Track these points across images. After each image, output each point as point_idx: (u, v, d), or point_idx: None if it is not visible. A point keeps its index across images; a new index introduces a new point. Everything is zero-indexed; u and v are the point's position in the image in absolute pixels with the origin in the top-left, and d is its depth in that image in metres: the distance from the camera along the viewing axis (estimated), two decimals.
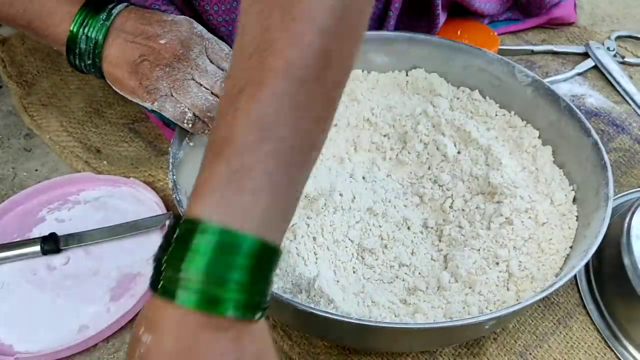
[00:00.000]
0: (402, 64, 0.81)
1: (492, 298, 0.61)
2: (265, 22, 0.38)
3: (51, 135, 0.85)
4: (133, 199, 0.77)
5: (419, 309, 0.60)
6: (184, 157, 0.67)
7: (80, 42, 0.62)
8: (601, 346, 0.66)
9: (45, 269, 0.70)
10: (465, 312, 0.60)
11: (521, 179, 0.70)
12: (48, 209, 0.76)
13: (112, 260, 0.71)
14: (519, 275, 0.62)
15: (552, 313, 0.68)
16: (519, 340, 0.66)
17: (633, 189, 0.80)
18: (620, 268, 0.65)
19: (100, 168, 0.80)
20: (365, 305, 0.61)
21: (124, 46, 0.63)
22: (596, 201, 0.63)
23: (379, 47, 0.80)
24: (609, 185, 0.63)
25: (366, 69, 0.81)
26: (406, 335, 0.57)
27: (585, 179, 0.67)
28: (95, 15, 0.62)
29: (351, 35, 0.41)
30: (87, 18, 0.62)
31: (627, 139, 0.87)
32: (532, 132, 0.74)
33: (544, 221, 0.66)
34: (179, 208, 0.60)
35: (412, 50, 0.80)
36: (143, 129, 0.87)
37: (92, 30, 0.62)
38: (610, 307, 0.68)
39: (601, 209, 0.61)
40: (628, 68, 0.98)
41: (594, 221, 0.62)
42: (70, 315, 0.66)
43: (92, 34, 0.62)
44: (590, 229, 0.62)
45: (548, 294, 0.55)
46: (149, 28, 0.64)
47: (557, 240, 0.64)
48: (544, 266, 0.63)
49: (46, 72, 0.94)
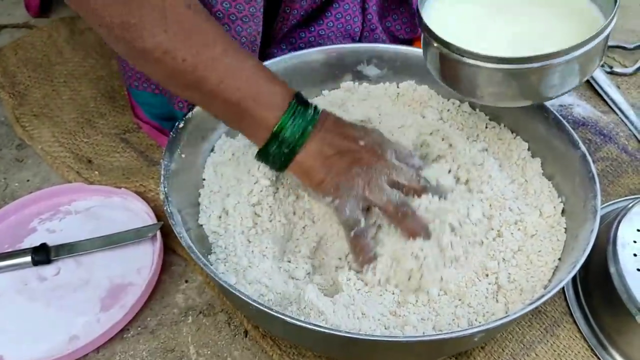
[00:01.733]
0: (393, 76, 0.82)
1: (481, 310, 0.62)
2: None
3: (43, 146, 0.85)
4: (124, 209, 0.78)
5: (409, 321, 0.60)
6: (176, 168, 0.67)
7: (287, 130, 0.62)
8: (588, 354, 0.67)
9: (36, 279, 0.70)
10: (455, 324, 0.60)
11: (510, 191, 0.70)
12: (39, 219, 0.77)
13: (103, 270, 0.71)
14: (508, 287, 0.63)
15: (539, 322, 0.69)
16: (506, 349, 0.67)
17: (620, 197, 0.81)
18: (607, 277, 0.66)
19: (92, 178, 0.81)
20: (356, 317, 0.61)
21: (324, 141, 0.63)
22: (584, 213, 0.64)
23: (370, 59, 0.81)
24: (597, 198, 0.63)
25: (357, 81, 0.82)
26: (395, 348, 0.57)
27: (573, 191, 0.68)
28: (305, 108, 0.63)
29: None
30: (299, 108, 0.62)
31: (614, 148, 0.88)
32: (522, 145, 0.74)
33: (533, 233, 0.67)
34: (169, 220, 0.60)
35: (403, 62, 0.81)
36: (135, 139, 0.88)
37: (301, 121, 0.62)
38: (597, 316, 0.68)
39: (589, 222, 0.62)
40: (616, 78, 0.99)
41: (581, 233, 0.62)
42: (60, 326, 0.66)
43: (301, 124, 0.62)
44: (578, 242, 0.62)
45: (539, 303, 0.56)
46: (348, 130, 0.65)
47: (545, 252, 0.65)
48: (533, 278, 0.63)
49: (38, 82, 0.94)
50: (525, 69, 0.59)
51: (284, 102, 0.62)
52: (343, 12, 0.87)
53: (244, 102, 0.61)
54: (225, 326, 0.68)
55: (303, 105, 0.63)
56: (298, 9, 0.81)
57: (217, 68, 0.60)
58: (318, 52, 0.81)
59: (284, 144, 0.62)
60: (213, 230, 0.67)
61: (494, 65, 0.59)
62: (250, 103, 0.61)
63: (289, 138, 0.62)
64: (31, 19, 1.09)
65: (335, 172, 0.63)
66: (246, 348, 0.67)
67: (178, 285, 0.72)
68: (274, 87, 0.63)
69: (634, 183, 0.83)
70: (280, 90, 0.63)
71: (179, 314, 0.69)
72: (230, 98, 0.61)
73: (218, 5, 0.69)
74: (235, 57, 0.61)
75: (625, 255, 0.66)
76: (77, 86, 0.94)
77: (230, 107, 0.62)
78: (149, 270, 0.70)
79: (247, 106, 0.61)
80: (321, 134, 0.63)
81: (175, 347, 0.67)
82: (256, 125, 0.62)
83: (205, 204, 0.70)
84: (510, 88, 0.61)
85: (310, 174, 0.64)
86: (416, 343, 0.56)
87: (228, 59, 0.60)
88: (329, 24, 0.87)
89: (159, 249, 0.71)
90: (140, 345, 0.67)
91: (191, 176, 0.71)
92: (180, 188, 0.67)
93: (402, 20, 0.92)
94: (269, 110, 0.62)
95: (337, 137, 0.64)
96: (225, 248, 0.66)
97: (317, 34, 0.87)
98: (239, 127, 0.65)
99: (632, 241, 0.67)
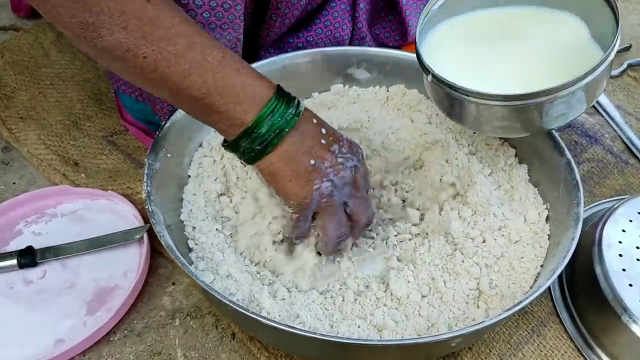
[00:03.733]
0: (383, 80, 0.82)
1: (461, 315, 0.62)
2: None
3: (29, 148, 0.85)
4: (111, 212, 0.77)
5: (387, 325, 0.60)
6: (161, 167, 0.67)
7: (263, 126, 0.58)
8: (574, 354, 0.67)
9: (21, 282, 0.70)
10: (435, 329, 0.60)
11: (496, 197, 0.70)
12: (25, 222, 0.76)
13: (89, 273, 0.71)
14: (489, 293, 0.62)
15: (526, 322, 0.69)
16: (493, 350, 0.67)
17: (605, 198, 0.81)
18: (592, 277, 0.66)
19: (78, 181, 0.81)
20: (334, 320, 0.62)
21: (301, 146, 0.60)
22: (567, 220, 0.64)
23: (360, 62, 0.81)
24: (580, 205, 0.63)
25: (347, 84, 0.82)
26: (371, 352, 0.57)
27: (558, 197, 0.67)
28: (287, 105, 0.59)
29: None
30: (279, 106, 0.59)
31: (600, 149, 0.88)
32: (509, 151, 0.74)
33: (517, 239, 0.67)
34: (151, 219, 0.60)
35: (393, 66, 0.81)
36: (122, 142, 0.87)
37: (279, 119, 0.59)
38: (583, 316, 0.69)
39: (571, 229, 0.62)
40: None
41: (563, 241, 0.62)
42: (46, 329, 0.66)
43: (278, 122, 0.59)
44: (560, 249, 0.62)
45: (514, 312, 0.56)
46: (329, 141, 0.62)
47: (528, 259, 0.65)
48: (514, 284, 0.63)
49: (25, 85, 0.94)
50: (532, 104, 0.59)
51: (261, 98, 0.59)
52: (332, 19, 0.87)
53: (209, 97, 0.58)
54: (213, 329, 0.68)
55: (283, 102, 0.60)
56: (289, 17, 0.81)
57: (179, 63, 0.56)
58: (308, 55, 0.81)
59: (257, 141, 0.59)
60: (193, 226, 0.68)
61: (500, 103, 0.59)
62: (217, 99, 0.58)
63: (264, 136, 0.59)
64: (17, 21, 1.08)
65: (303, 187, 0.61)
66: (234, 350, 0.66)
67: (165, 287, 0.72)
68: (245, 79, 0.59)
69: (619, 184, 0.84)
70: (254, 83, 0.59)
71: (166, 316, 0.69)
72: (195, 94, 0.58)
73: (198, 17, 0.69)
74: (201, 50, 0.57)
75: (611, 256, 0.66)
76: (64, 88, 0.94)
77: (196, 104, 0.59)
78: (136, 272, 0.70)
79: (214, 102, 0.58)
80: (299, 139, 0.60)
81: (162, 350, 0.66)
82: (225, 121, 0.59)
83: (188, 199, 0.70)
84: (518, 121, 0.62)
85: (276, 178, 0.61)
86: (391, 347, 0.55)
87: (192, 54, 0.57)
88: (318, 31, 0.87)
89: (145, 251, 0.71)
90: (127, 348, 0.66)
91: (176, 175, 0.71)
92: (165, 187, 0.67)
93: (390, 28, 0.92)
94: (239, 105, 0.58)
95: (314, 148, 0.61)
96: (203, 243, 0.66)
97: (306, 40, 0.87)
98: (210, 122, 0.62)
99: (618, 242, 0.68)
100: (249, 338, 0.67)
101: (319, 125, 0.62)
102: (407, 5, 0.88)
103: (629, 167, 0.87)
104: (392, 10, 0.91)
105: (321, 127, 0.62)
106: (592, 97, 0.62)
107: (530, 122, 0.61)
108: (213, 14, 0.69)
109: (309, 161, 0.60)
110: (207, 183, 0.71)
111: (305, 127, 0.61)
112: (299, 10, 0.81)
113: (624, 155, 0.88)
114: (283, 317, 0.60)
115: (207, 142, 0.74)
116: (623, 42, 1.05)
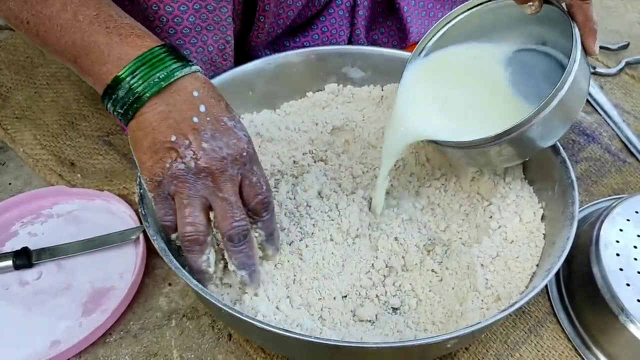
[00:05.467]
0: (377, 79, 0.81)
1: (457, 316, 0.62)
2: None
3: (25, 149, 0.85)
4: (107, 212, 0.77)
5: (378, 326, 0.60)
6: None
7: (120, 89, 0.54)
8: (572, 354, 0.67)
9: (17, 283, 0.70)
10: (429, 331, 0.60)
11: (492, 196, 0.70)
12: (21, 222, 0.76)
13: (85, 274, 0.70)
14: (484, 293, 0.62)
15: (523, 322, 0.69)
16: (490, 350, 0.67)
17: (603, 197, 0.81)
18: (590, 277, 0.66)
19: (74, 181, 0.80)
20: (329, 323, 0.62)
21: (166, 117, 0.54)
22: (562, 220, 0.63)
23: (354, 61, 0.81)
24: (575, 205, 0.63)
25: (341, 83, 0.82)
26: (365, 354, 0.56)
27: (553, 197, 0.67)
28: (151, 71, 0.54)
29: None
30: (141, 70, 0.54)
31: (598, 148, 0.88)
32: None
33: (513, 239, 0.67)
34: (143, 222, 0.59)
35: (387, 65, 0.80)
36: (118, 142, 0.87)
37: (139, 84, 0.54)
38: (581, 316, 0.68)
39: (566, 228, 0.61)
40: (599, 78, 1.00)
41: (558, 240, 0.62)
42: (42, 331, 0.66)
43: (138, 87, 0.54)
44: (555, 248, 0.62)
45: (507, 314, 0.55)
46: (206, 119, 0.55)
47: (523, 259, 0.64)
48: (510, 284, 0.63)
49: (21, 85, 0.94)
50: (511, 138, 0.59)
51: (124, 56, 0.55)
52: (329, 25, 0.87)
53: (79, 59, 0.57)
54: (209, 329, 0.68)
55: (154, 64, 0.54)
56: (283, 18, 0.80)
57: (53, 26, 0.56)
58: (302, 54, 0.80)
59: (118, 104, 0.55)
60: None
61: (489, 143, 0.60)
62: (84, 60, 0.56)
63: (123, 99, 0.54)
64: None
65: (156, 162, 0.54)
66: (230, 351, 0.66)
67: (161, 288, 0.71)
68: (113, 38, 0.55)
69: (617, 183, 0.84)
70: (122, 42, 0.55)
71: (162, 317, 0.69)
72: (68, 56, 0.57)
73: (185, 22, 0.68)
74: (74, 10, 0.56)
75: (608, 255, 0.66)
76: (60, 88, 0.94)
77: (74, 66, 0.58)
78: (132, 273, 0.70)
79: (83, 63, 0.57)
80: (164, 108, 0.54)
81: (159, 351, 0.66)
82: (96, 83, 0.57)
83: None
84: (507, 150, 0.62)
85: (134, 146, 0.56)
86: (385, 349, 0.55)
87: (65, 14, 0.56)
88: (314, 37, 0.87)
89: (141, 252, 0.71)
90: (123, 349, 0.66)
91: None
92: None
93: (389, 33, 0.92)
94: (103, 65, 0.55)
95: (180, 123, 0.54)
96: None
97: (302, 45, 0.87)
98: (91, 84, 0.59)
99: (615, 241, 0.67)
100: (245, 339, 0.66)
101: (200, 100, 0.55)
102: (408, 12, 0.88)
103: (627, 165, 0.86)
104: (391, 15, 0.91)
105: (202, 103, 0.55)
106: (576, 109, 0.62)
107: (525, 148, 0.62)
108: (198, 17, 0.69)
109: (170, 136, 0.54)
110: None
111: (177, 97, 0.55)
112: (294, 12, 0.80)
113: (621, 154, 0.88)
114: (279, 320, 0.59)
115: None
116: (621, 41, 1.05)
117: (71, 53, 0.57)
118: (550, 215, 0.67)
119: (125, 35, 0.56)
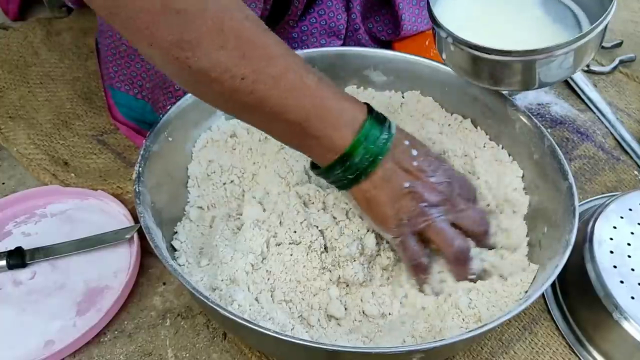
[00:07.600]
0: (399, 85, 0.79)
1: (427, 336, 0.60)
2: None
3: (18, 148, 0.84)
4: (101, 212, 0.77)
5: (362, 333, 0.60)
6: (160, 150, 0.66)
7: (356, 157, 0.57)
8: (566, 352, 0.67)
9: (11, 283, 0.69)
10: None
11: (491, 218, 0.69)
12: (15, 222, 0.76)
13: (79, 274, 0.70)
14: (466, 312, 0.61)
15: (517, 319, 0.69)
16: (485, 347, 0.67)
17: (596, 195, 0.81)
18: (584, 274, 0.66)
19: (68, 181, 0.80)
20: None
21: (393, 173, 0.59)
22: (556, 247, 0.61)
23: (377, 65, 0.79)
24: (572, 232, 0.60)
25: (362, 86, 0.80)
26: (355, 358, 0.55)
27: (554, 222, 0.65)
28: (380, 129, 0.57)
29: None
30: (373, 130, 0.57)
31: (591, 146, 0.88)
32: (517, 171, 0.71)
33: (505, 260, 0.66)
34: (140, 220, 0.59)
35: (410, 71, 0.78)
36: (112, 141, 0.87)
37: (372, 147, 0.57)
38: (575, 313, 0.69)
39: (557, 255, 0.59)
40: (592, 76, 1.00)
41: (548, 266, 0.60)
42: (36, 330, 0.66)
43: (372, 149, 0.57)
44: (544, 274, 0.60)
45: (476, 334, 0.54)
46: (420, 162, 0.60)
47: (512, 284, 0.62)
48: (494, 307, 0.61)
49: (14, 84, 0.93)
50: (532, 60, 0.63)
51: (355, 121, 0.57)
52: (326, 8, 0.86)
53: (307, 122, 0.55)
54: (204, 329, 0.68)
55: (376, 125, 0.58)
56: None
57: (278, 86, 0.54)
58: (324, 52, 0.78)
59: (350, 170, 0.57)
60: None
61: (513, 59, 0.63)
62: (315, 123, 0.56)
63: (357, 164, 0.57)
64: (6, 20, 1.08)
65: (400, 209, 0.59)
66: (225, 350, 0.66)
67: (156, 287, 0.71)
68: (343, 103, 0.57)
69: (611, 181, 0.84)
70: (350, 107, 0.58)
71: (157, 316, 0.69)
72: (294, 119, 0.55)
73: None
74: (299, 73, 0.55)
75: (602, 253, 0.66)
76: (54, 87, 0.93)
77: (293, 128, 0.56)
78: (126, 273, 0.70)
79: (312, 126, 0.56)
80: (391, 164, 0.59)
81: (153, 350, 0.66)
82: (322, 147, 0.57)
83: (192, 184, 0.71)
84: (520, 75, 0.65)
85: (372, 205, 0.60)
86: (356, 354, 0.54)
87: (291, 75, 0.54)
88: (312, 20, 0.86)
89: (136, 251, 0.70)
90: (118, 349, 0.66)
91: (175, 160, 0.70)
92: (161, 172, 0.66)
93: (384, 22, 0.92)
94: (337, 130, 0.56)
95: (408, 171, 0.59)
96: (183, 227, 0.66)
97: (300, 30, 0.86)
98: (302, 148, 0.60)
99: (609, 238, 0.68)
100: (240, 338, 0.66)
101: (410, 147, 0.61)
102: (401, 1, 0.88)
103: (621, 163, 0.87)
104: (385, 4, 0.91)
105: (412, 148, 0.61)
106: (580, 62, 0.67)
107: (527, 77, 0.66)
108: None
109: (404, 184, 0.59)
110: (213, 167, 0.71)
111: (397, 151, 0.59)
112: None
113: (615, 152, 0.88)
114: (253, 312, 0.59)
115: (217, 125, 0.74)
116: (614, 39, 1.05)
117: (298, 115, 0.55)
118: (548, 241, 0.64)
119: (349, 100, 0.59)
